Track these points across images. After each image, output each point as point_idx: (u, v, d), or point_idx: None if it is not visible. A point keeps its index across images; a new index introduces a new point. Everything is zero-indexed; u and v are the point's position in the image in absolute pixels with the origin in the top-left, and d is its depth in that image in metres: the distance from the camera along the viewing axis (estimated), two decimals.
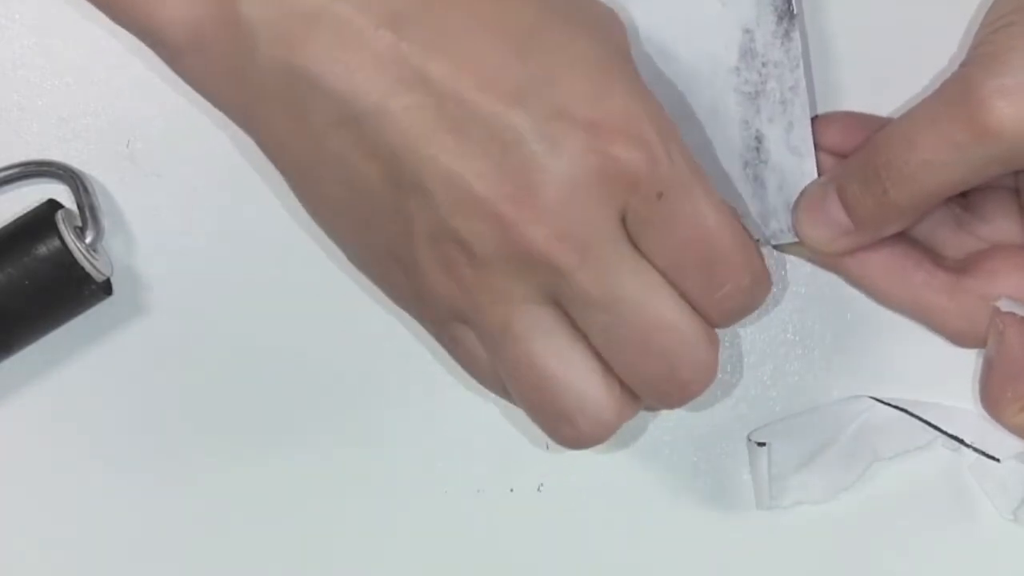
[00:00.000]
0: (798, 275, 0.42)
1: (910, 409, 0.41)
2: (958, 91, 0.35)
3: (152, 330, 0.42)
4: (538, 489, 0.42)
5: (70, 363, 0.42)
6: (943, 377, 0.41)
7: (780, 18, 0.39)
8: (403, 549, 0.42)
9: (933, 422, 0.40)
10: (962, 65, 0.36)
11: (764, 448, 0.41)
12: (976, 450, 0.41)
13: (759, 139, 0.39)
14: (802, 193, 0.39)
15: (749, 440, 0.41)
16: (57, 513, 0.42)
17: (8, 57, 0.43)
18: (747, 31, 0.39)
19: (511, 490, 0.42)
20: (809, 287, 0.42)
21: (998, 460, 0.41)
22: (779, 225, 0.39)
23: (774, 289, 0.39)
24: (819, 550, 0.42)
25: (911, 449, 0.41)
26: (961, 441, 0.40)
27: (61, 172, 0.42)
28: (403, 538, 0.42)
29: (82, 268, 0.40)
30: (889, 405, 0.41)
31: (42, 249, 0.39)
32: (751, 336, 0.42)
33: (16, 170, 0.42)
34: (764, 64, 0.39)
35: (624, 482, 0.42)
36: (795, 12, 0.39)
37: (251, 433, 0.42)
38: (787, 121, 0.39)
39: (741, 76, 0.39)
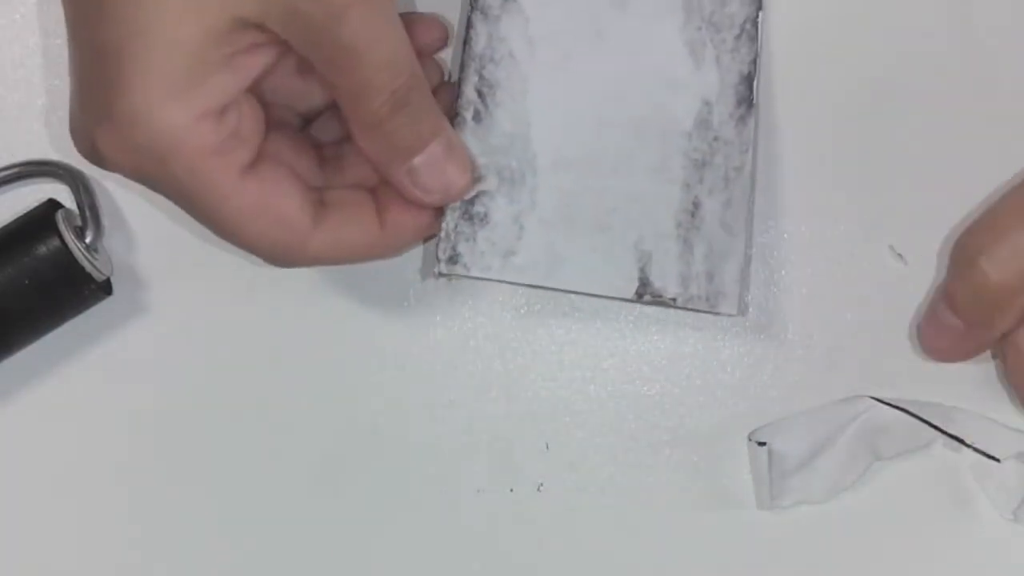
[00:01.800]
0: (799, 276, 0.42)
1: (910, 409, 0.41)
2: None
3: (152, 330, 0.42)
4: (538, 489, 0.42)
5: (70, 363, 0.42)
6: (943, 377, 0.41)
7: (739, 102, 0.40)
8: (403, 549, 0.42)
9: (933, 422, 0.40)
10: None
11: (764, 448, 0.41)
12: (976, 450, 0.41)
13: (696, 205, 0.40)
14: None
15: (749, 440, 0.41)
16: (57, 513, 0.42)
17: (8, 57, 0.43)
18: (707, 103, 0.40)
19: (511, 490, 0.42)
20: (809, 287, 0.42)
21: (998, 460, 0.41)
22: (697, 291, 0.39)
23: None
24: (819, 550, 0.42)
25: (911, 449, 0.41)
26: (961, 441, 0.40)
27: (61, 172, 0.42)
28: (403, 538, 0.42)
29: (82, 268, 0.40)
30: (889, 405, 0.41)
31: (42, 249, 0.39)
32: (751, 336, 0.42)
33: (16, 170, 0.42)
34: (716, 139, 0.40)
35: (624, 482, 0.42)
36: (754, 102, 0.40)
37: (250, 433, 0.42)
38: (726, 198, 0.40)
39: (692, 143, 0.40)
